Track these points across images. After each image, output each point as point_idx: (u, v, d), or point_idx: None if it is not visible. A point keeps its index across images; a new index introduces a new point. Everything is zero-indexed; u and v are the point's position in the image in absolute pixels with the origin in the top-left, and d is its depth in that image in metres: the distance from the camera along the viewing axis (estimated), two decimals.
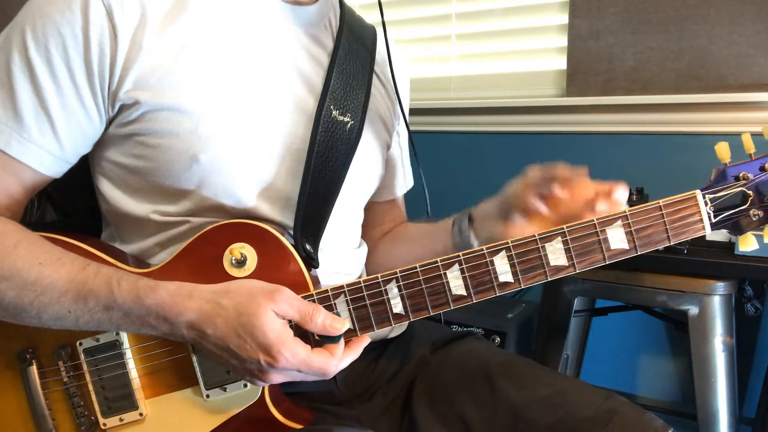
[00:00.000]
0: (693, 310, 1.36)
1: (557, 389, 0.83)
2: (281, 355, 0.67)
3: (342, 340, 0.72)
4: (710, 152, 0.73)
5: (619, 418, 0.77)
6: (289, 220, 0.80)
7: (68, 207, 0.91)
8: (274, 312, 0.68)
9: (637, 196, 1.52)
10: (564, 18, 1.75)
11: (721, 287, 1.33)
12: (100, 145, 0.80)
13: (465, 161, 1.93)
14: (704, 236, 0.91)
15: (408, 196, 1.10)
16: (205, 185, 0.77)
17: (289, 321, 0.70)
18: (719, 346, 1.37)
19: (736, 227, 0.73)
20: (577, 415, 0.79)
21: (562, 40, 1.76)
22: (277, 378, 0.70)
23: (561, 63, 1.78)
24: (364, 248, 0.98)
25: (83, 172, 0.83)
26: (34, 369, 0.75)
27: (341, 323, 0.71)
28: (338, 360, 0.71)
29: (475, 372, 0.88)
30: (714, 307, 1.35)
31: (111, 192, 0.80)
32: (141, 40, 0.73)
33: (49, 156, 0.74)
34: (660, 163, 1.65)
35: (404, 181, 1.08)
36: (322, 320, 0.70)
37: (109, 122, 0.77)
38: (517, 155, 1.85)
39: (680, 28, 1.58)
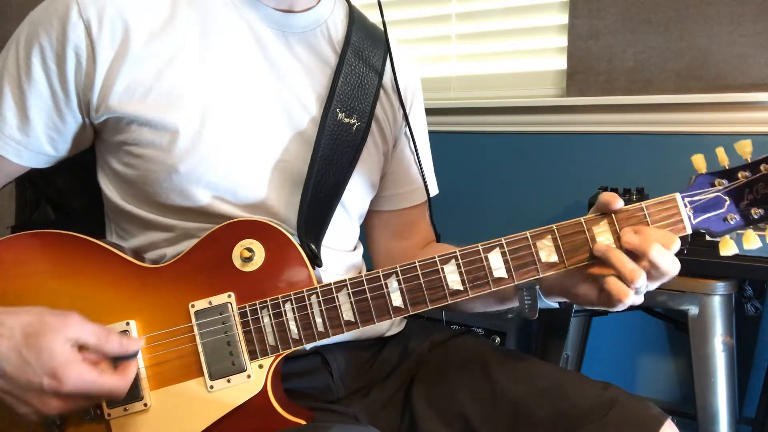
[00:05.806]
0: (693, 310, 1.36)
1: (556, 382, 0.83)
2: (69, 377, 0.65)
3: (137, 358, 0.74)
4: (710, 152, 0.76)
5: (618, 407, 0.78)
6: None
7: (66, 207, 0.95)
8: (68, 337, 0.67)
9: (637, 196, 1.52)
10: (564, 18, 1.75)
11: (721, 287, 1.33)
12: (101, 150, 0.84)
13: (465, 161, 1.93)
14: (704, 237, 0.99)
15: None
16: (186, 197, 0.79)
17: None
18: (719, 346, 1.37)
19: (714, 231, 0.78)
20: (576, 407, 0.79)
21: (562, 40, 1.76)
22: (56, 407, 0.67)
23: (561, 63, 1.78)
24: (360, 251, 0.98)
25: (79, 175, 0.87)
26: None
27: (136, 342, 0.73)
28: (130, 379, 0.71)
29: (473, 367, 0.89)
30: (714, 307, 1.35)
31: (111, 193, 0.84)
32: (124, 55, 0.76)
33: (26, 150, 0.80)
34: (660, 163, 1.64)
35: (421, 187, 1.02)
36: (117, 340, 0.71)
37: (100, 129, 0.81)
38: (517, 155, 1.85)
39: (680, 28, 1.58)
